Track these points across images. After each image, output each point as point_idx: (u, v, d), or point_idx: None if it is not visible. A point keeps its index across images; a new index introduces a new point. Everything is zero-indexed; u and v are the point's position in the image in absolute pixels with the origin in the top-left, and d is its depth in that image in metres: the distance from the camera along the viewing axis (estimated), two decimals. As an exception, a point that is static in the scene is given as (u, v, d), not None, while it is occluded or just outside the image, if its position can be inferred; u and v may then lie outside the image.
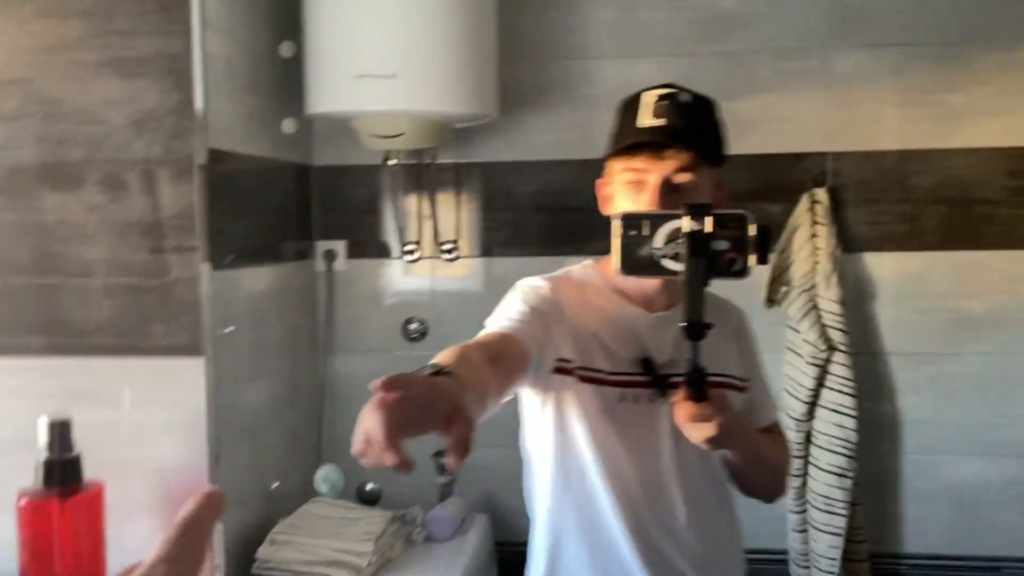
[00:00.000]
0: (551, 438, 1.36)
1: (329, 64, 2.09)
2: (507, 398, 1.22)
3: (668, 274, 1.15)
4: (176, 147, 1.63)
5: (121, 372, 1.66)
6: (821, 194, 2.27)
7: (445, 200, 2.46)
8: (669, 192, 1.29)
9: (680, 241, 1.13)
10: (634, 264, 1.17)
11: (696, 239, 1.12)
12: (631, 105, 1.38)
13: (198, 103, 1.65)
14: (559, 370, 1.31)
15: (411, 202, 2.48)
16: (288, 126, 2.22)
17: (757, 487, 1.47)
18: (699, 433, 1.22)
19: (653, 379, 1.33)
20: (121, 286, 1.67)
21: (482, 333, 1.26)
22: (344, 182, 2.48)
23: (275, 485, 2.18)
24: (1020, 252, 2.28)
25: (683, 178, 1.30)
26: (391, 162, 2.35)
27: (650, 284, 1.35)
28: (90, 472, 1.49)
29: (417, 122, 2.15)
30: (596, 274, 1.42)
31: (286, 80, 2.20)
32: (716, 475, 1.40)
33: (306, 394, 2.43)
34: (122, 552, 1.49)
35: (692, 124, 1.33)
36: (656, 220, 1.16)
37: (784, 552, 2.39)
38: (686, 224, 1.12)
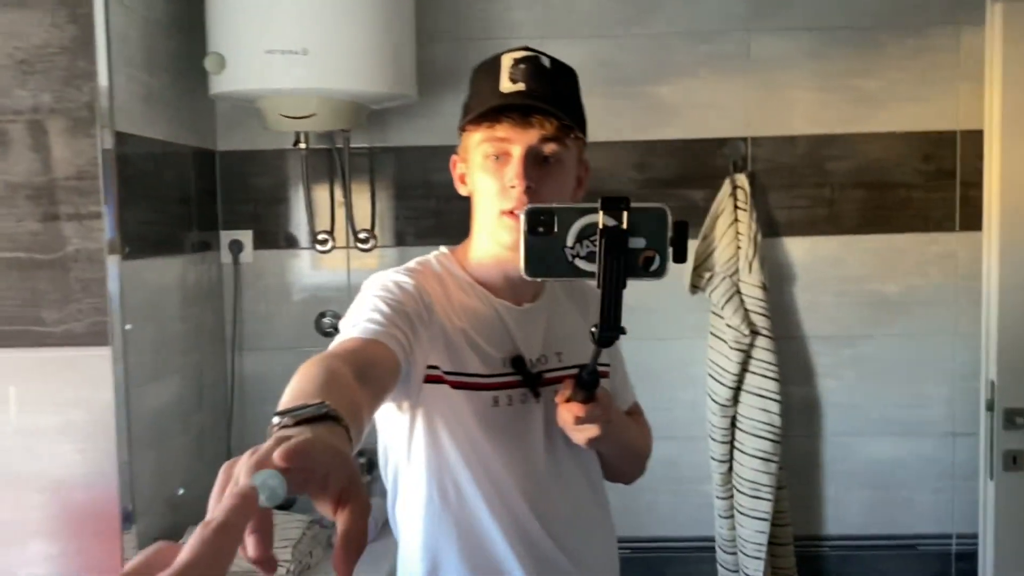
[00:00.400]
0: (422, 455, 1.20)
1: (235, 39, 1.95)
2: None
3: (581, 275, 1.03)
4: (71, 94, 1.38)
5: (6, 366, 1.44)
6: (742, 179, 2.26)
7: (359, 187, 2.35)
8: (536, 164, 1.16)
9: (594, 239, 1.01)
10: (542, 265, 1.03)
11: (613, 237, 1.00)
12: (489, 69, 1.23)
13: (100, 46, 1.39)
14: (430, 378, 1.17)
15: (322, 189, 2.36)
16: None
17: (623, 474, 1.41)
18: (583, 435, 1.16)
19: (526, 378, 1.22)
20: (5, 262, 1.43)
21: (342, 339, 1.06)
22: (250, 168, 2.34)
23: (180, 492, 2.03)
24: (932, 235, 2.33)
25: (551, 148, 1.17)
26: (300, 146, 2.22)
27: (515, 274, 1.16)
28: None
29: (329, 102, 2.03)
30: (455, 265, 1.26)
31: (188, 56, 2.05)
32: (590, 469, 1.31)
33: (213, 394, 2.28)
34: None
35: (557, 90, 1.20)
36: (566, 215, 1.02)
37: (711, 539, 2.38)
38: (601, 220, 1.00)
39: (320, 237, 2.33)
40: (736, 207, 2.25)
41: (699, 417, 2.37)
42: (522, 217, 1.02)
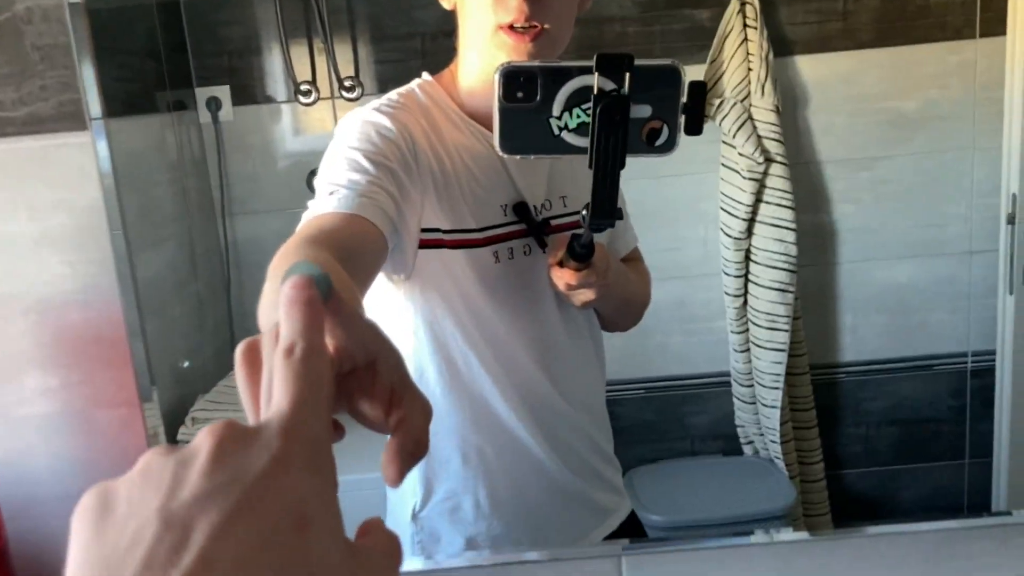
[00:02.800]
0: (420, 329, 1.08)
1: None
2: None
3: (571, 151, 0.87)
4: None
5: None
6: (750, -6, 2.10)
7: (339, 31, 2.18)
8: None
9: (587, 107, 0.84)
10: (521, 140, 0.87)
11: (611, 105, 0.82)
12: None
13: None
14: (427, 243, 1.04)
15: (300, 36, 2.18)
16: None
17: (616, 325, 1.33)
18: (578, 299, 1.08)
19: (531, 227, 1.10)
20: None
21: (316, 213, 0.90)
22: (220, 17, 2.16)
23: (185, 364, 1.98)
24: (951, 43, 2.19)
25: None
26: (273, -12, 2.04)
27: None
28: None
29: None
30: (442, 94, 1.10)
31: None
32: (592, 316, 1.23)
33: (207, 263, 2.19)
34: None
35: None
36: (551, 76, 0.84)
37: (726, 374, 2.36)
38: (597, 83, 0.83)
39: (303, 88, 2.18)
40: (745, 25, 2.10)
41: (711, 254, 2.30)
42: (496, 79, 0.84)
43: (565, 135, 0.86)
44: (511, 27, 0.99)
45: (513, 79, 0.84)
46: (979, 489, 2.49)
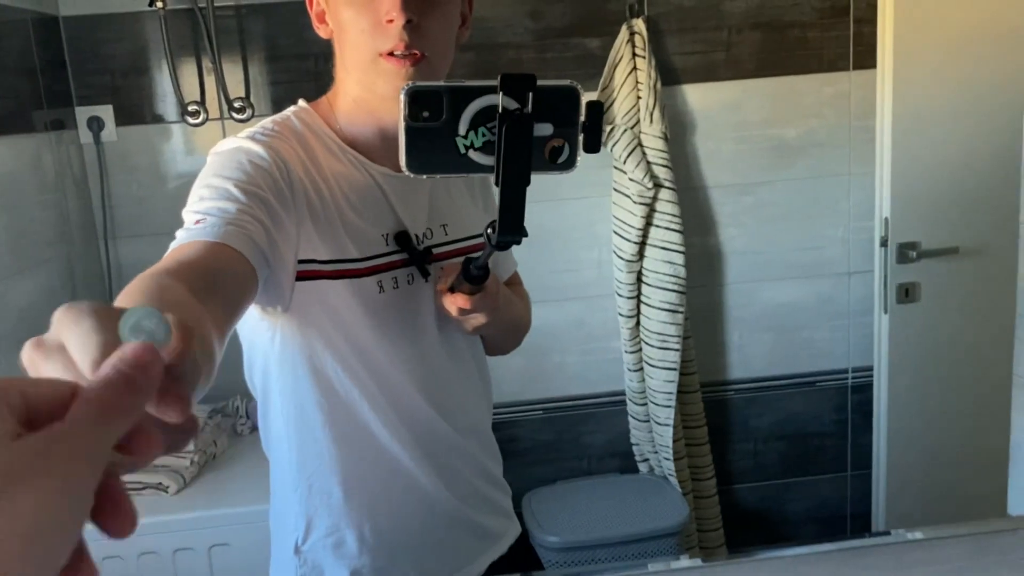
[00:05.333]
0: (298, 360, 1.03)
1: None
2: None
3: (477, 170, 0.86)
4: None
5: None
6: (639, 24, 2.16)
7: (229, 51, 2.14)
8: None
9: (492, 126, 0.84)
10: (428, 160, 0.85)
11: (517, 123, 0.83)
12: None
13: None
14: (304, 275, 0.98)
15: (188, 55, 2.13)
16: None
17: (504, 348, 1.30)
18: (469, 324, 1.06)
19: (413, 256, 1.06)
20: None
21: (179, 243, 0.84)
22: (102, 34, 2.09)
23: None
24: (827, 75, 2.31)
25: None
26: (157, 5, 1.99)
27: (395, 133, 0.93)
28: None
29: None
30: (319, 122, 1.06)
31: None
32: (475, 342, 1.20)
33: (88, 287, 2.10)
34: None
35: None
36: (457, 96, 0.83)
37: (621, 393, 2.41)
38: (502, 103, 0.83)
39: (191, 109, 2.13)
40: (634, 54, 2.16)
41: (605, 276, 2.35)
42: (401, 100, 0.82)
43: (471, 153, 0.85)
44: (391, 54, 0.98)
45: (419, 99, 0.83)
46: (860, 499, 2.60)
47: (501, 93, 0.82)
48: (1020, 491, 1.67)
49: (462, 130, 0.84)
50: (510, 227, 0.86)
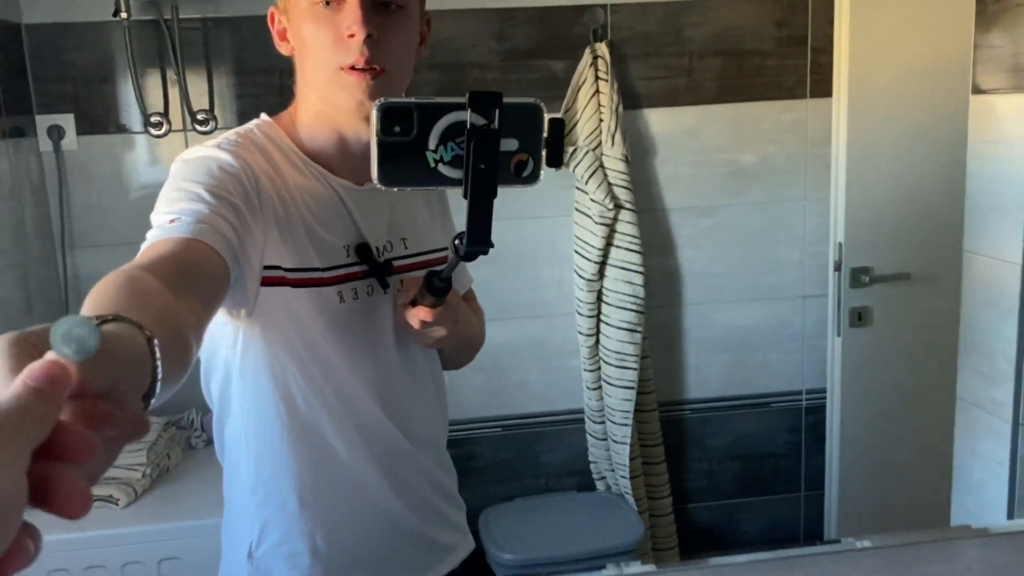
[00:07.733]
0: (259, 367, 1.04)
1: None
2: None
3: (446, 184, 0.89)
4: None
5: None
6: (602, 48, 2.20)
7: (193, 63, 2.14)
8: (375, 9, 0.99)
9: (460, 141, 0.87)
10: (399, 173, 0.89)
11: (484, 139, 0.87)
12: None
13: None
14: (269, 280, 1.00)
15: (152, 66, 2.13)
16: None
17: (459, 362, 1.32)
18: (429, 338, 1.08)
19: (373, 268, 1.09)
20: None
21: (152, 242, 0.86)
22: (65, 43, 2.08)
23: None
24: (785, 102, 2.36)
25: None
26: (122, 15, 1.99)
27: (356, 146, 1.06)
28: None
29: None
30: (282, 135, 1.07)
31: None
32: (433, 357, 1.22)
33: (45, 298, 2.08)
34: None
35: None
36: (426, 112, 0.87)
37: (580, 411, 2.43)
38: (470, 119, 0.86)
39: (153, 120, 2.13)
40: (597, 78, 2.19)
41: (566, 294, 2.37)
42: (374, 115, 0.85)
43: (441, 167, 0.89)
44: (352, 68, 1.01)
45: (390, 115, 0.86)
46: (814, 518, 2.64)
47: (470, 110, 0.86)
48: (961, 505, 1.72)
49: (432, 145, 0.87)
50: (478, 238, 0.90)
